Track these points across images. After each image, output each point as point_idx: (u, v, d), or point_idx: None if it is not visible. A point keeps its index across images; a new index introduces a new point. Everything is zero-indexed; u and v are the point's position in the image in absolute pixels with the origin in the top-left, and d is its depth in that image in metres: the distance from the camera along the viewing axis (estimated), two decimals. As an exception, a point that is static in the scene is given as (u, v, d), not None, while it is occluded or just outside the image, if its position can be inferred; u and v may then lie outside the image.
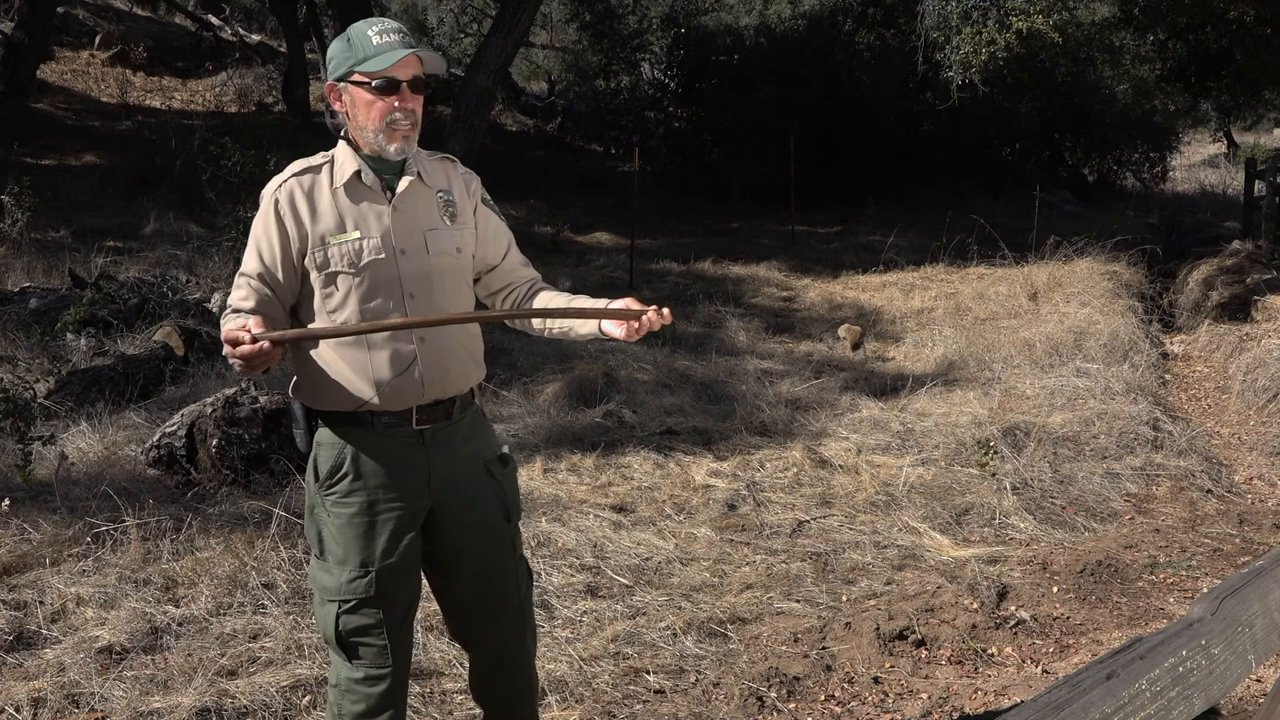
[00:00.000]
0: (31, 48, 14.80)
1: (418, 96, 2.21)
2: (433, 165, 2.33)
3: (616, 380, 6.58)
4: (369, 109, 2.19)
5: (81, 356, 6.21)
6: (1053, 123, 19.16)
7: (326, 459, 2.23)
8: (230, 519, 4.19)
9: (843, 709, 3.25)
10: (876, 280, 10.78)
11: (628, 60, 19.17)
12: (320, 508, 2.24)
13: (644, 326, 2.21)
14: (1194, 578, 4.23)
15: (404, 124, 2.19)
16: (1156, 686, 1.32)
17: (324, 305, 2.20)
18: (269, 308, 2.20)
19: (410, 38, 2.21)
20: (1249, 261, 10.84)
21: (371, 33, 2.18)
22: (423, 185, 2.28)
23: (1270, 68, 14.85)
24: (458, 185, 2.35)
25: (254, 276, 2.20)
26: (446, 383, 2.25)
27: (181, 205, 11.27)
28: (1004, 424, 5.80)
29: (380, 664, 2.22)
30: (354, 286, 2.18)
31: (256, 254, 2.21)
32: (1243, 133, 29.38)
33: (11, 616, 3.46)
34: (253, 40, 20.89)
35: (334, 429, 2.23)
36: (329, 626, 2.22)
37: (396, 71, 2.17)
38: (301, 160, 2.27)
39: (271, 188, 2.23)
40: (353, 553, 2.20)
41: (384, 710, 2.24)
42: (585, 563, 4.10)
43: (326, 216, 2.20)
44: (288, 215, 2.19)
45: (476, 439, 2.34)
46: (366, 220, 2.21)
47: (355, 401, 2.19)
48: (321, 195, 2.21)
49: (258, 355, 1.99)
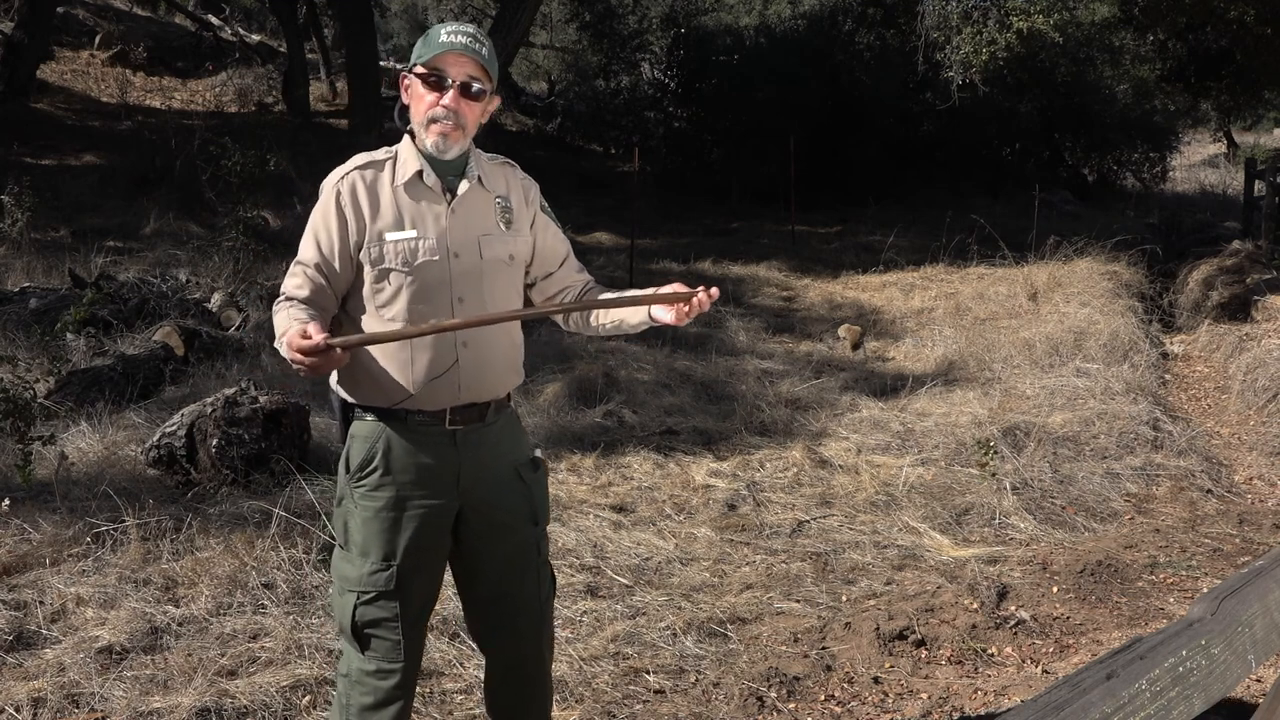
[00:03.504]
0: (31, 48, 14.80)
1: (466, 100, 2.19)
2: (493, 169, 2.34)
3: (616, 380, 6.58)
4: (419, 101, 2.22)
5: (81, 356, 6.21)
6: (1053, 123, 19.15)
7: (359, 451, 2.24)
8: (230, 519, 4.18)
9: (843, 709, 3.24)
10: (876, 280, 10.78)
11: (628, 60, 19.17)
12: (349, 498, 2.26)
13: (694, 308, 2.21)
14: (1194, 578, 4.23)
15: (444, 122, 2.19)
16: (1156, 686, 1.32)
17: (374, 299, 2.22)
18: (322, 297, 2.22)
19: (480, 44, 2.20)
20: (1249, 261, 10.84)
21: (444, 31, 2.20)
22: (482, 190, 2.29)
23: (1270, 68, 14.85)
24: (516, 192, 2.36)
25: (310, 265, 2.21)
26: (483, 388, 2.26)
27: (181, 205, 11.28)
28: (1004, 424, 5.80)
29: (392, 658, 2.23)
30: (405, 285, 2.19)
31: (315, 243, 2.22)
32: (1243, 133, 29.38)
33: (11, 616, 3.46)
34: (253, 40, 20.90)
35: (369, 423, 2.24)
36: (345, 616, 2.23)
37: (448, 68, 2.17)
38: (365, 154, 2.28)
39: (334, 178, 2.24)
40: (376, 545, 2.21)
41: (391, 703, 2.25)
42: (585, 563, 4.10)
43: (386, 213, 2.21)
44: (349, 207, 2.20)
45: (508, 442, 2.35)
46: (424, 220, 2.22)
47: (392, 398, 2.21)
48: (383, 190, 2.23)
49: (326, 361, 2.00)
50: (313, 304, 2.19)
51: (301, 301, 2.19)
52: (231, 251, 8.65)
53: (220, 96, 17.71)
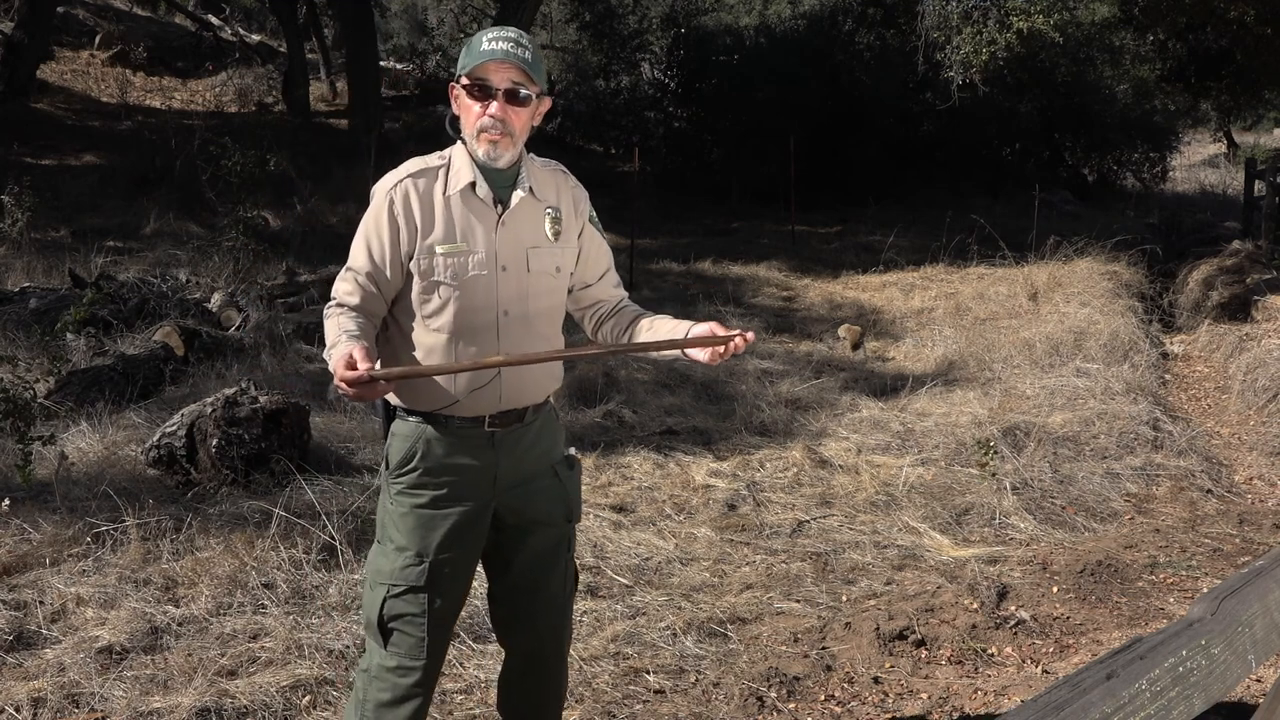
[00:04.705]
0: (31, 48, 14.81)
1: (513, 106, 2.18)
2: (544, 176, 2.33)
3: (616, 380, 6.58)
4: (467, 112, 2.22)
5: (81, 356, 6.21)
6: (1053, 123, 19.15)
7: (399, 450, 2.26)
8: (230, 519, 4.18)
9: (843, 709, 3.24)
10: (876, 280, 10.78)
11: (628, 60, 19.18)
12: (387, 494, 2.29)
13: (729, 351, 2.22)
14: (1194, 578, 4.23)
15: (492, 131, 2.18)
16: (1156, 686, 1.32)
17: (421, 308, 2.23)
18: (372, 303, 2.24)
19: (524, 49, 2.18)
20: (1249, 261, 10.84)
21: (486, 38, 2.19)
22: (534, 200, 2.28)
23: (1270, 68, 14.86)
24: (566, 202, 2.35)
25: (361, 273, 2.23)
26: (524, 395, 2.28)
27: (181, 205, 11.28)
28: (1004, 424, 5.80)
29: (415, 655, 2.24)
30: (453, 299, 2.21)
31: (366, 251, 2.23)
32: (1243, 133, 29.37)
33: (11, 616, 3.46)
34: (253, 40, 20.90)
35: (410, 423, 2.26)
36: (373, 609, 2.24)
37: (490, 77, 2.17)
38: (418, 159, 2.27)
39: (387, 185, 2.24)
40: (412, 541, 2.23)
41: (409, 701, 2.25)
42: (585, 563, 4.10)
43: (437, 224, 2.21)
44: (401, 215, 2.21)
45: (545, 441, 2.37)
46: (474, 233, 2.22)
47: (434, 405, 2.23)
48: (435, 200, 2.22)
49: (370, 391, 2.02)
50: (362, 311, 2.21)
51: (352, 309, 2.21)
52: (231, 251, 8.65)
53: (220, 96, 17.72)
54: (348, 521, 4.14)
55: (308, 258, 9.69)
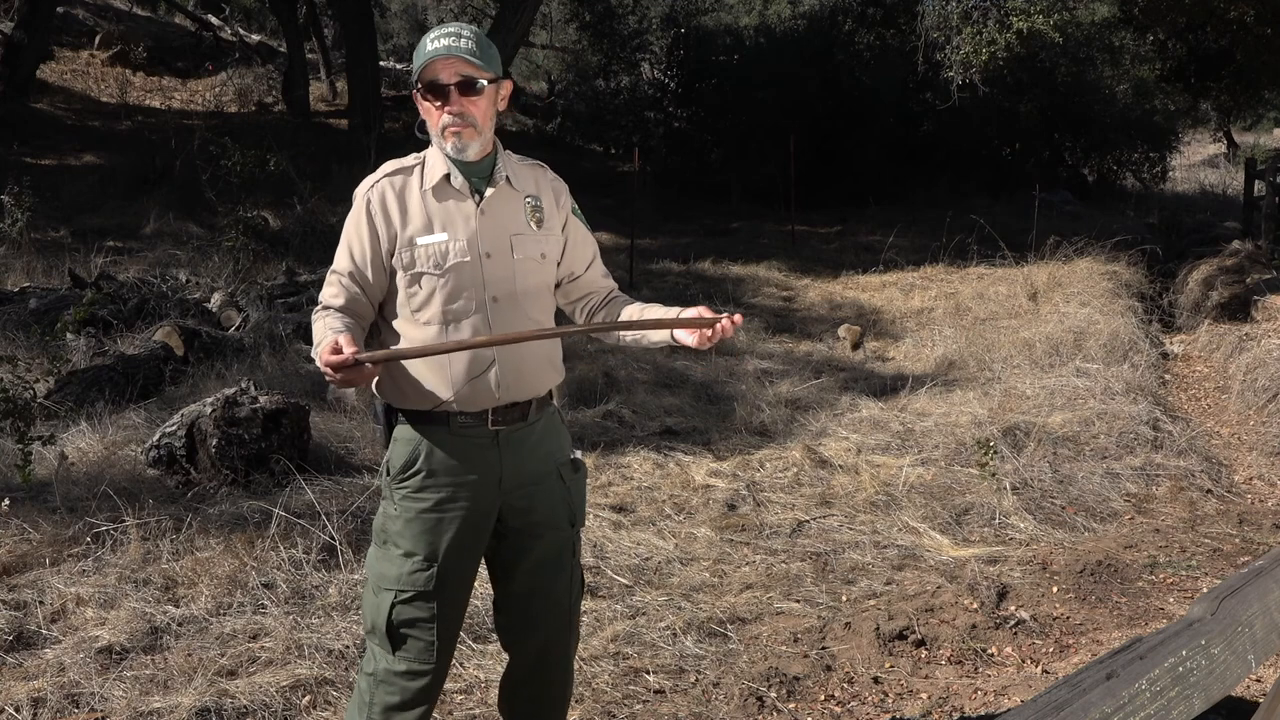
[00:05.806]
0: (31, 48, 14.80)
1: (468, 98, 2.20)
2: (522, 170, 2.36)
3: (616, 380, 6.58)
4: (429, 115, 2.24)
5: (81, 356, 6.21)
6: (1053, 123, 19.14)
7: (400, 454, 2.25)
8: (230, 519, 4.18)
9: (843, 709, 3.24)
10: (876, 280, 10.78)
11: (628, 60, 19.18)
12: (390, 500, 2.28)
13: (717, 334, 2.24)
14: (1194, 578, 4.23)
15: (454, 125, 2.20)
16: (1156, 686, 1.32)
17: (408, 304, 2.24)
18: (358, 305, 2.25)
19: (464, 40, 2.20)
20: (1249, 261, 10.83)
21: (428, 40, 2.21)
22: (511, 189, 2.30)
23: (1270, 68, 14.85)
24: (546, 193, 2.37)
25: (345, 275, 2.25)
26: (522, 386, 2.27)
27: (181, 205, 11.27)
28: (1004, 424, 5.80)
29: (425, 659, 2.23)
30: (438, 288, 2.21)
31: (348, 252, 2.25)
32: (1243, 133, 29.36)
33: (11, 616, 3.46)
34: (253, 40, 20.90)
35: (412, 426, 2.25)
36: (380, 615, 2.23)
37: (439, 75, 2.19)
38: (394, 161, 2.31)
39: (364, 188, 2.27)
40: (420, 546, 2.22)
41: (417, 705, 2.25)
42: (585, 563, 4.09)
43: (416, 218, 2.23)
44: (379, 215, 2.23)
45: (550, 442, 2.37)
46: (454, 222, 2.24)
47: (433, 401, 2.22)
48: (412, 196, 2.25)
49: (356, 375, 2.03)
50: (348, 312, 2.22)
51: (337, 310, 2.22)
52: (231, 251, 8.66)
53: (220, 96, 17.71)
54: (348, 521, 4.14)
55: (308, 258, 9.69)
